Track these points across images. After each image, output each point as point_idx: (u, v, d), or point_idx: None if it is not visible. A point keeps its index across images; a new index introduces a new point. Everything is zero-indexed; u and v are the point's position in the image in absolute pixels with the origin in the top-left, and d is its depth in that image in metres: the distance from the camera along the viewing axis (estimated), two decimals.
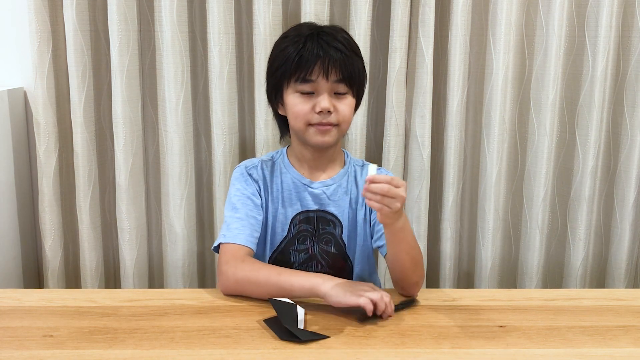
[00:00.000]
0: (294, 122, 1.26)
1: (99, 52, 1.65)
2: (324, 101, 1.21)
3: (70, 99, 1.61)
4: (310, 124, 1.24)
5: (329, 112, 1.22)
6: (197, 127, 1.70)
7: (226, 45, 1.58)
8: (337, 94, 1.24)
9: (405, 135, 1.69)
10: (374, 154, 1.75)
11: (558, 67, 1.64)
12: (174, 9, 1.55)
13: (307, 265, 1.33)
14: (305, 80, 1.22)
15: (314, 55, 1.20)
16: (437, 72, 1.68)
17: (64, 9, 1.56)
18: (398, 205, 1.08)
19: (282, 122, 1.36)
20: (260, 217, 1.31)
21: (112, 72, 1.59)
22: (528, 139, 1.71)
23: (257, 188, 1.32)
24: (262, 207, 1.32)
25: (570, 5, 1.64)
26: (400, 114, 1.66)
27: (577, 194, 1.72)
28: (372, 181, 1.06)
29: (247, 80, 1.68)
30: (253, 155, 1.69)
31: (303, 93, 1.23)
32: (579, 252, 1.74)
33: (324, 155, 1.32)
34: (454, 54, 1.62)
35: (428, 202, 1.71)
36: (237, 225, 1.26)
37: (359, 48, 1.29)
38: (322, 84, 1.22)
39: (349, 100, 1.26)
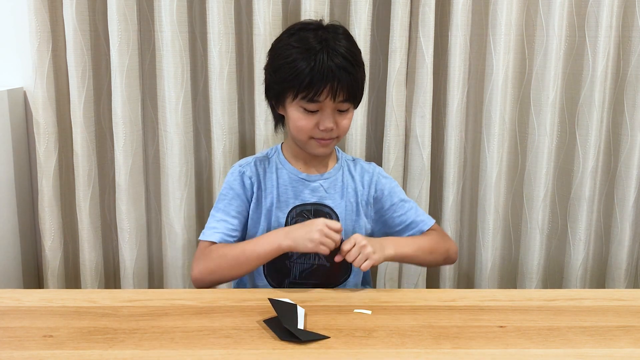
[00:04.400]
0: (296, 134, 1.29)
1: (99, 52, 1.65)
2: (327, 121, 1.25)
3: (70, 99, 1.61)
4: (312, 137, 1.28)
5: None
6: (197, 127, 1.70)
7: (226, 45, 1.58)
8: (340, 111, 1.27)
9: (405, 135, 1.69)
10: (374, 154, 1.75)
11: (558, 67, 1.64)
12: (174, 9, 1.55)
13: (305, 257, 1.35)
14: (312, 101, 1.23)
15: (324, 78, 1.21)
16: (437, 72, 1.68)
17: (63, 9, 1.56)
18: (369, 250, 1.21)
19: (278, 113, 1.37)
20: (243, 218, 1.35)
21: (112, 72, 1.59)
22: (528, 139, 1.71)
23: (250, 184, 1.34)
24: (255, 203, 1.35)
25: (570, 5, 1.64)
26: (400, 114, 1.66)
27: (577, 194, 1.72)
28: (345, 253, 1.21)
29: (247, 80, 1.68)
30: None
31: (307, 110, 1.25)
32: (579, 252, 1.74)
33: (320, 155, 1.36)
34: (454, 54, 1.62)
35: (428, 202, 1.71)
36: (214, 225, 1.33)
37: (360, 53, 1.30)
38: (328, 103, 1.24)
39: (350, 114, 1.30)
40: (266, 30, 1.57)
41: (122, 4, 1.55)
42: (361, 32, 1.59)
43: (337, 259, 1.23)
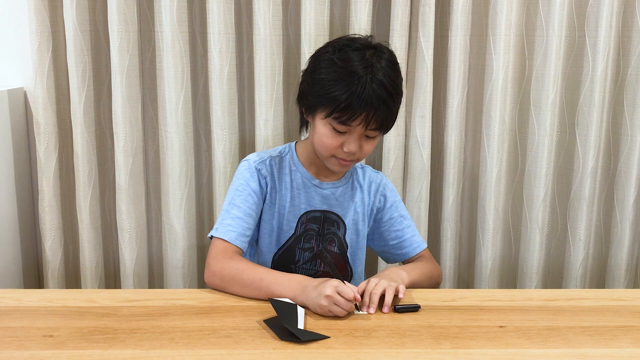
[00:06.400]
0: (319, 148, 1.27)
1: (99, 52, 1.65)
2: (353, 145, 1.23)
3: (70, 99, 1.61)
4: (333, 155, 1.26)
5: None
6: (197, 127, 1.70)
7: (226, 45, 1.58)
8: (367, 137, 1.25)
9: (405, 135, 1.69)
10: (374, 154, 1.75)
11: (558, 67, 1.64)
12: (174, 9, 1.55)
13: (311, 263, 1.35)
14: (344, 123, 1.21)
15: (362, 106, 1.18)
16: (437, 72, 1.68)
17: (64, 9, 1.56)
18: (384, 283, 1.16)
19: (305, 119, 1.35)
20: (257, 216, 1.32)
21: (112, 72, 1.59)
22: (528, 139, 1.71)
23: (265, 184, 1.32)
24: (269, 203, 1.33)
25: (570, 5, 1.64)
26: (400, 114, 1.65)
27: (577, 194, 1.72)
28: (367, 303, 1.15)
29: (247, 80, 1.68)
30: None
31: (336, 130, 1.23)
32: (579, 252, 1.74)
33: None
34: (454, 54, 1.62)
35: (428, 202, 1.71)
36: (230, 222, 1.27)
37: (402, 81, 1.28)
38: (358, 129, 1.22)
39: (376, 140, 1.28)
40: (266, 30, 1.57)
41: (122, 4, 1.55)
42: (361, 32, 1.58)
43: (371, 310, 1.15)
